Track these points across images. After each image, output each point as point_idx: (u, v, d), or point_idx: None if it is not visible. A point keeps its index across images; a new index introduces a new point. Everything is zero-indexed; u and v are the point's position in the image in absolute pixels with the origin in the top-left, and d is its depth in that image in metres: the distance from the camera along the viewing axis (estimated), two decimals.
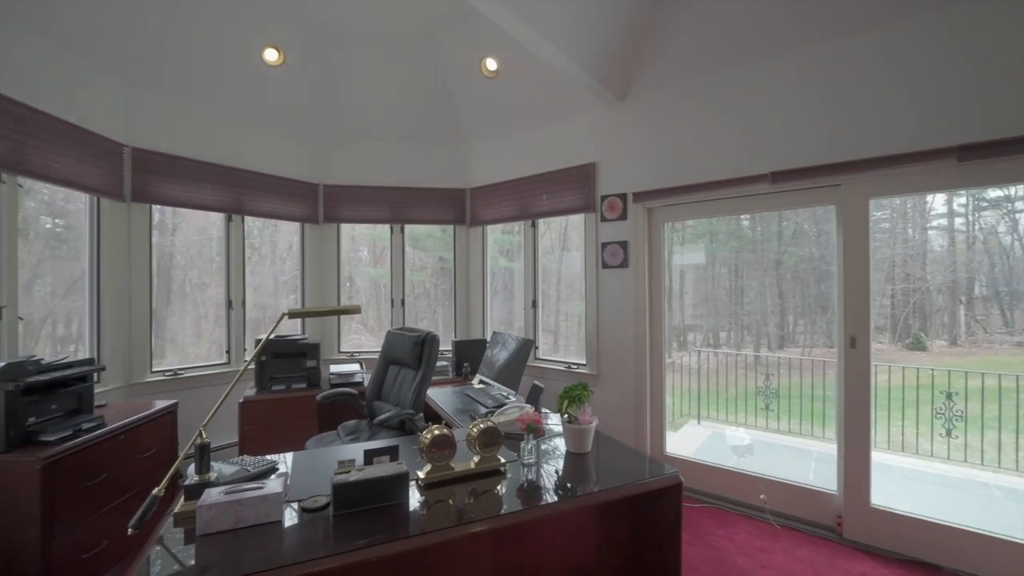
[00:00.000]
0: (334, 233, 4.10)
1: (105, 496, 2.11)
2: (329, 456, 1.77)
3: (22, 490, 1.78)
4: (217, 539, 1.19)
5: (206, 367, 3.43)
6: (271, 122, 3.69)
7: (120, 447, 2.20)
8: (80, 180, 2.65)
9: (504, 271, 4.47)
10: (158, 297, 3.28)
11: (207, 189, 3.36)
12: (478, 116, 4.00)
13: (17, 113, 2.30)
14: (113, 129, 2.89)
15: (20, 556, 1.80)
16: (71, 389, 2.09)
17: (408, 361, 2.69)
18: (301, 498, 1.39)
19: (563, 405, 1.80)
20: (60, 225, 2.87)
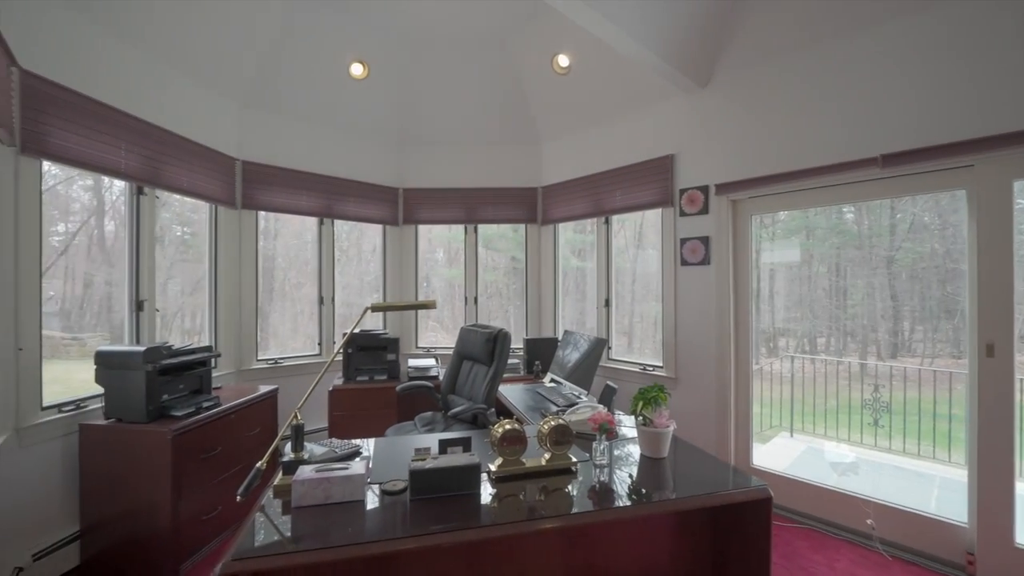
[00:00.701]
0: (412, 234, 4.31)
1: (219, 467, 2.39)
2: (407, 444, 1.85)
3: (158, 456, 2.08)
4: (309, 512, 1.30)
5: (301, 357, 3.77)
6: (357, 131, 3.97)
7: (231, 425, 2.49)
8: (202, 191, 3.04)
9: (575, 271, 4.40)
10: (262, 295, 3.66)
11: (303, 196, 3.70)
12: (550, 114, 3.99)
13: (156, 135, 2.69)
14: (227, 145, 3.28)
15: (157, 512, 2.10)
16: (195, 372, 2.40)
17: (481, 357, 2.75)
18: (381, 481, 1.47)
19: (637, 407, 1.72)
20: (188, 232, 3.31)
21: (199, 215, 3.27)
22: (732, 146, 2.94)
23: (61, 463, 2.17)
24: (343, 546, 1.14)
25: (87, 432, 2.16)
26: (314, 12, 3.18)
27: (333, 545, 1.14)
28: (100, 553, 2.18)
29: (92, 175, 2.52)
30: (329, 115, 3.76)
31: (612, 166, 3.63)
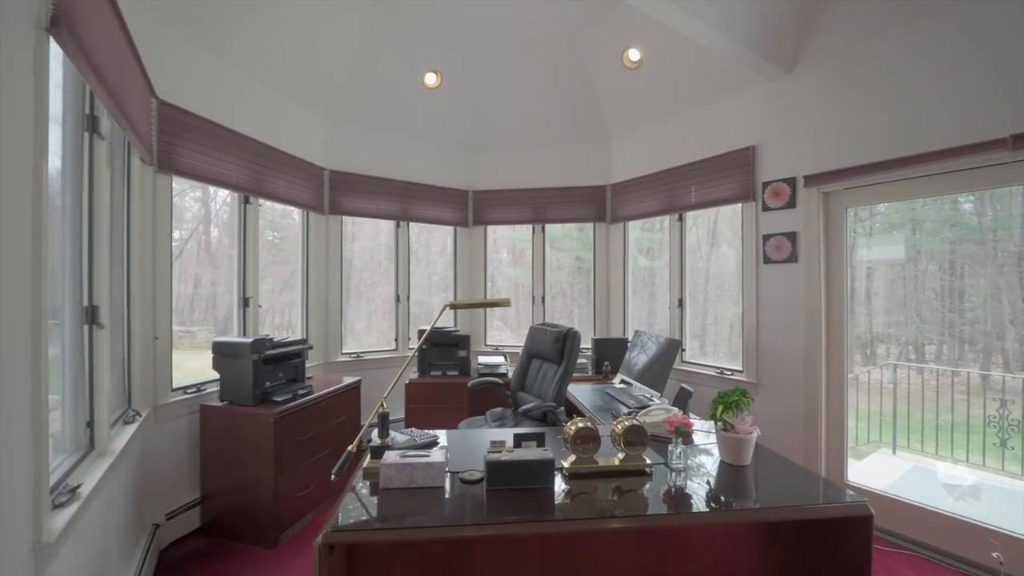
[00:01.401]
0: (482, 235, 4.43)
1: (311, 449, 2.63)
2: (480, 437, 1.92)
3: (263, 436, 2.33)
4: (394, 493, 1.40)
5: (379, 352, 4.03)
6: (430, 137, 4.15)
7: (322, 411, 2.72)
8: (296, 198, 3.36)
9: (644, 270, 4.28)
10: (344, 294, 3.95)
11: (381, 200, 3.95)
12: (620, 110, 3.92)
13: (259, 150, 3.01)
14: (317, 155, 3.59)
15: (261, 486, 2.36)
16: (291, 362, 2.66)
17: (550, 356, 2.77)
18: (458, 470, 1.54)
19: (717, 411, 1.65)
20: (277, 237, 3.66)
21: (286, 220, 3.60)
22: (822, 135, 2.71)
23: (186, 438, 2.51)
24: (426, 527, 1.22)
25: (206, 412, 2.48)
26: (393, 29, 3.38)
27: (417, 526, 1.22)
28: (216, 518, 2.49)
29: (201, 187, 2.87)
30: (405, 124, 3.98)
31: (686, 161, 3.49)
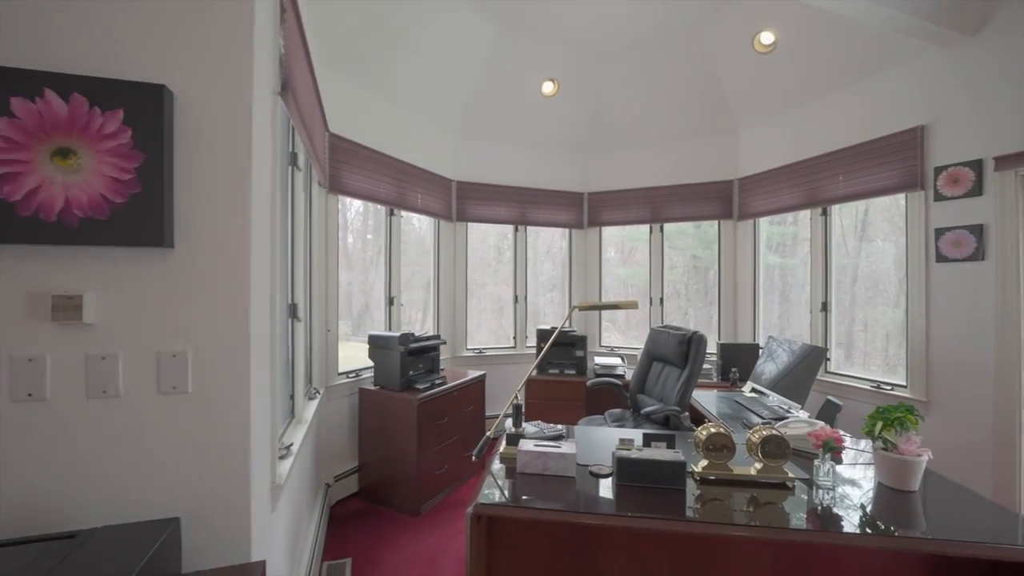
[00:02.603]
0: (596, 237, 4.46)
1: (446, 433, 2.93)
2: (603, 435, 1.98)
3: (408, 417, 2.68)
4: (529, 478, 1.53)
5: (499, 349, 4.29)
6: (546, 144, 4.30)
7: (454, 400, 3.02)
8: (430, 209, 3.75)
9: (773, 269, 3.90)
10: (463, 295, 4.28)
11: (501, 206, 4.20)
12: (749, 98, 3.64)
13: (400, 167, 3.44)
14: (445, 168, 3.96)
15: (406, 461, 2.70)
16: (429, 355, 3.00)
17: (673, 359, 2.71)
18: (585, 463, 1.63)
19: (875, 428, 1.50)
20: (411, 243, 4.11)
21: (409, 227, 4.03)
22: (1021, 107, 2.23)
23: (348, 415, 2.98)
24: (564, 511, 1.32)
25: (363, 394, 2.92)
26: (511, 46, 3.58)
27: (556, 508, 1.33)
28: (370, 485, 2.91)
29: (337, 199, 3.36)
30: (523, 133, 4.18)
31: (830, 148, 3.12)
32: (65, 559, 0.82)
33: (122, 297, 1.05)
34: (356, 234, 3.58)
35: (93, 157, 0.99)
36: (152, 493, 1.05)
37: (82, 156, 0.99)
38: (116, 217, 1.01)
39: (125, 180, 1.01)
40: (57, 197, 0.97)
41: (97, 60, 1.02)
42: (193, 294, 1.09)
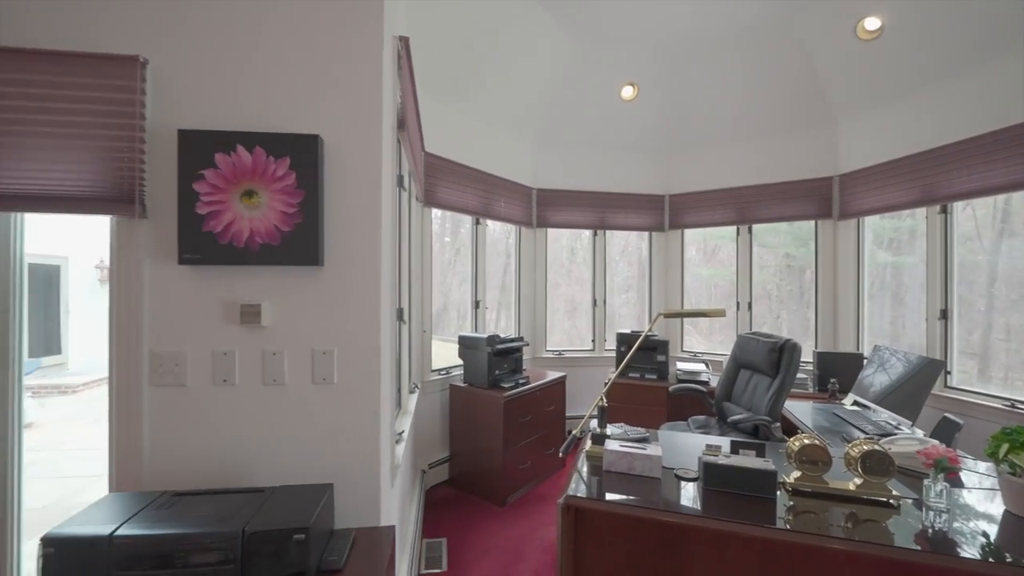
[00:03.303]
0: (678, 239, 4.37)
1: (528, 431, 3.09)
2: (687, 440, 2.01)
3: (494, 414, 2.87)
4: (615, 477, 1.62)
5: (578, 351, 4.37)
6: (625, 147, 4.30)
7: (536, 399, 3.16)
8: (511, 216, 3.94)
9: (885, 268, 3.55)
10: (551, 300, 4.41)
11: (580, 212, 4.28)
12: (851, 89, 3.37)
13: (485, 179, 3.66)
14: (526, 177, 4.12)
15: (493, 454, 2.90)
16: (513, 356, 3.17)
17: (763, 367, 2.62)
18: (671, 467, 1.68)
19: (1000, 450, 1.39)
20: (497, 250, 4.32)
21: (489, 232, 4.23)
22: None
23: (440, 409, 3.25)
24: (650, 508, 1.40)
25: (453, 391, 3.17)
26: (591, 52, 3.65)
27: (643, 505, 1.41)
28: (459, 474, 3.15)
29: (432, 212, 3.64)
30: (602, 138, 4.22)
31: (956, 137, 2.81)
32: (261, 506, 1.07)
33: (287, 305, 1.32)
34: (434, 237, 3.87)
35: (269, 196, 1.26)
36: (311, 463, 1.31)
37: (261, 195, 1.26)
38: (284, 242, 1.27)
39: (291, 213, 1.27)
40: (244, 228, 1.26)
41: (271, 119, 1.30)
42: (337, 303, 1.33)
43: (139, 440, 1.26)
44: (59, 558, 0.96)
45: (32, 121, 1.20)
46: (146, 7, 1.27)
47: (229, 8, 1.29)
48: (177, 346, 1.28)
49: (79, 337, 8.01)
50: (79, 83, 1.22)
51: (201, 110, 1.28)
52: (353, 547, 1.17)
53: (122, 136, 1.23)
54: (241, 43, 1.30)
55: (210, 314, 1.29)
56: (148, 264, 1.27)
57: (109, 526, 0.99)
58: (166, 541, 0.97)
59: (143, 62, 1.24)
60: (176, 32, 1.28)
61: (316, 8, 1.32)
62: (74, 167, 1.22)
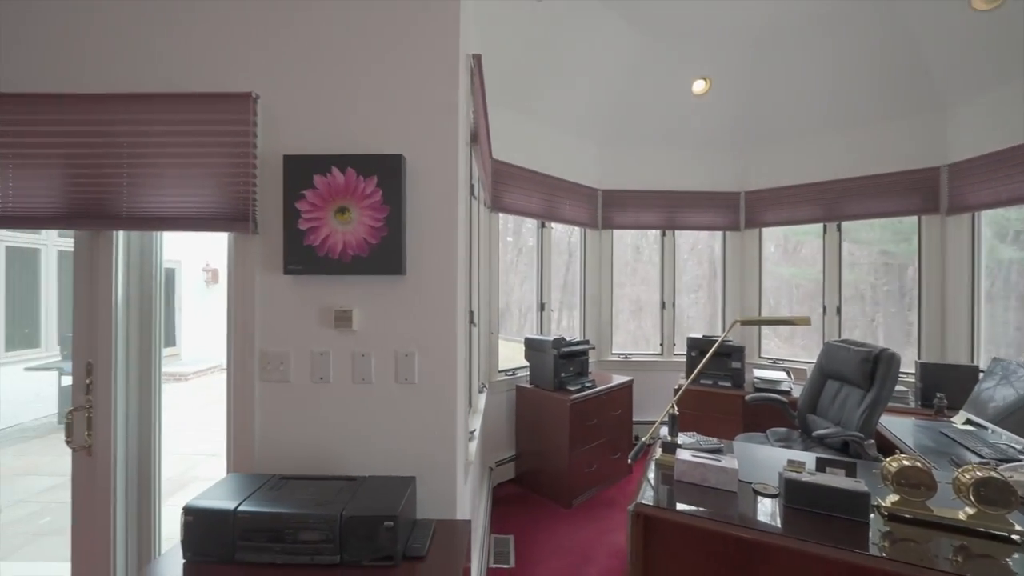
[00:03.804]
0: (755, 239, 4.12)
1: (595, 435, 3.08)
2: (765, 454, 1.91)
3: (560, 416, 2.90)
4: (687, 487, 1.59)
5: (645, 355, 4.27)
6: (696, 144, 4.13)
7: (602, 403, 3.15)
8: (576, 218, 3.94)
9: (1006, 265, 3.10)
10: (617, 301, 4.34)
11: (648, 212, 4.18)
12: (963, 68, 2.99)
13: (550, 182, 3.69)
14: (590, 178, 4.10)
15: (559, 456, 2.93)
16: (579, 359, 3.18)
17: (854, 379, 2.42)
18: (748, 480, 1.61)
19: None
20: (559, 249, 4.33)
21: (547, 235, 4.23)
22: None
23: (506, 408, 3.34)
24: (725, 522, 1.36)
25: (520, 391, 3.24)
26: (661, 49, 3.55)
27: (717, 519, 1.38)
28: (525, 473, 3.22)
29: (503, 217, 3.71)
30: (671, 136, 4.09)
31: None
32: (355, 494, 1.19)
33: (374, 311, 1.44)
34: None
35: (358, 212, 1.39)
36: (395, 455, 1.42)
37: (352, 212, 1.39)
38: (372, 253, 1.39)
39: (377, 227, 1.39)
40: (338, 241, 1.39)
41: (361, 141, 1.43)
42: (418, 309, 1.43)
43: (251, 428, 1.44)
44: (196, 525, 1.13)
45: (169, 155, 1.42)
46: (256, 50, 1.45)
47: (324, 44, 1.44)
48: (282, 346, 1.45)
49: (189, 331, 9.11)
50: (205, 119, 1.42)
51: (301, 137, 1.44)
52: (434, 537, 1.26)
53: (238, 163, 1.42)
54: (333, 75, 1.44)
55: (309, 318, 1.45)
56: (259, 274, 1.45)
57: (233, 502, 1.15)
58: (278, 518, 1.11)
59: (255, 98, 1.42)
60: (279, 70, 1.44)
61: (397, 38, 1.43)
62: (201, 192, 1.42)
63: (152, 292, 1.64)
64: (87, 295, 1.53)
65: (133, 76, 1.45)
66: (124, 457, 1.57)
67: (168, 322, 9.08)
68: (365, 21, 1.44)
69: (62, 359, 5.61)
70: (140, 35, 1.46)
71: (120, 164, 1.42)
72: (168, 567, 1.13)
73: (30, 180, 1.44)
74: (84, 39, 1.46)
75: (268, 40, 1.45)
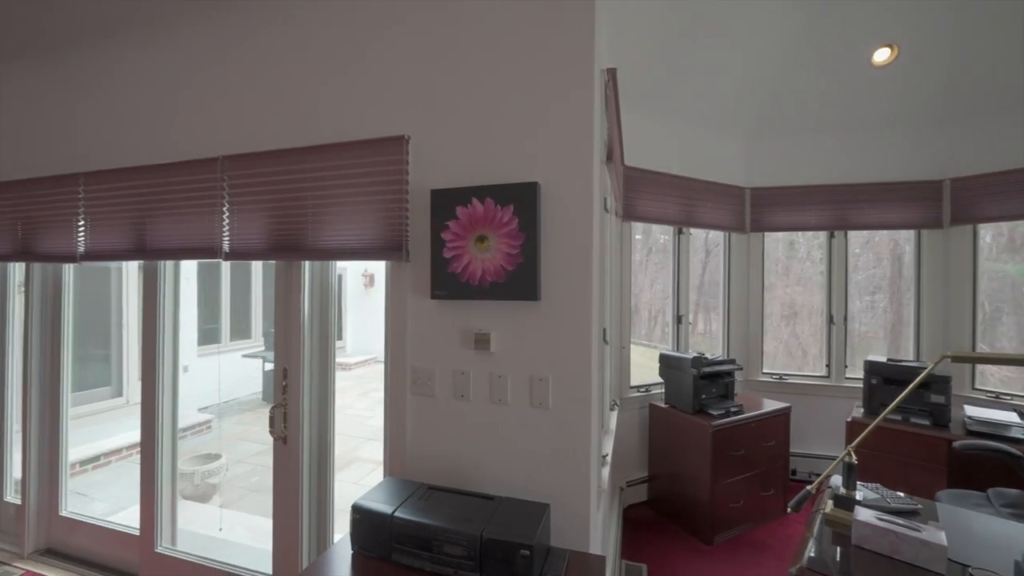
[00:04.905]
0: (967, 236, 3.25)
1: (742, 467, 2.75)
2: (988, 525, 1.48)
3: (701, 442, 2.66)
4: (869, 556, 1.31)
5: (805, 376, 3.68)
6: (875, 124, 3.42)
7: (751, 432, 2.80)
8: (718, 222, 3.57)
9: None
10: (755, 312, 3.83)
11: (810, 210, 3.59)
12: None
13: (686, 184, 3.41)
14: (736, 176, 3.67)
15: (698, 485, 2.69)
16: (722, 380, 2.88)
17: None
18: (962, 561, 1.27)
19: None
20: (695, 247, 3.96)
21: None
22: None
23: (639, 427, 3.18)
24: None
25: (653, 410, 3.06)
26: (830, 19, 3.02)
27: None
28: (659, 498, 3.02)
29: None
30: (842, 118, 3.46)
31: None
32: (494, 513, 1.24)
33: (510, 335, 1.49)
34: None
35: (496, 240, 1.45)
36: (528, 478, 1.45)
37: (490, 240, 1.45)
38: (508, 280, 1.43)
39: (513, 254, 1.43)
40: (478, 268, 1.47)
41: (500, 172, 1.48)
42: (552, 334, 1.44)
43: (404, 437, 1.61)
44: (362, 522, 1.29)
45: (340, 195, 1.66)
46: (407, 96, 1.60)
47: (464, 84, 1.53)
48: (429, 363, 1.58)
49: (352, 327, 10.63)
50: (367, 162, 1.62)
51: (446, 171, 1.55)
52: (568, 569, 1.24)
53: (393, 199, 1.59)
54: (473, 111, 1.52)
55: (452, 339, 1.55)
56: (410, 297, 1.61)
57: (390, 507, 1.29)
58: (427, 528, 1.21)
59: (407, 139, 1.58)
60: (426, 112, 1.58)
61: (531, 70, 1.45)
62: (364, 226, 1.63)
63: (329, 307, 1.94)
64: (284, 313, 1.87)
65: (315, 129, 1.73)
66: (308, 443, 1.88)
67: (337, 321, 10.76)
68: (500, 59, 1.49)
69: (265, 349, 7.01)
70: (311, 92, 1.73)
71: (306, 207, 1.71)
72: (341, 554, 1.31)
73: (246, 223, 1.81)
74: (279, 105, 1.79)
75: (418, 87, 1.59)
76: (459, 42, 1.54)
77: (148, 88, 2.09)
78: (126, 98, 2.15)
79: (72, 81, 2.29)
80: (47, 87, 2.36)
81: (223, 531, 2.71)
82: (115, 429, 4.28)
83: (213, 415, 5.30)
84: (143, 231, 2.05)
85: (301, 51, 1.77)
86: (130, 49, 2.13)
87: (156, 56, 2.07)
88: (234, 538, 2.56)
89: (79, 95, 2.27)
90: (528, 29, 1.46)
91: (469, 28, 1.53)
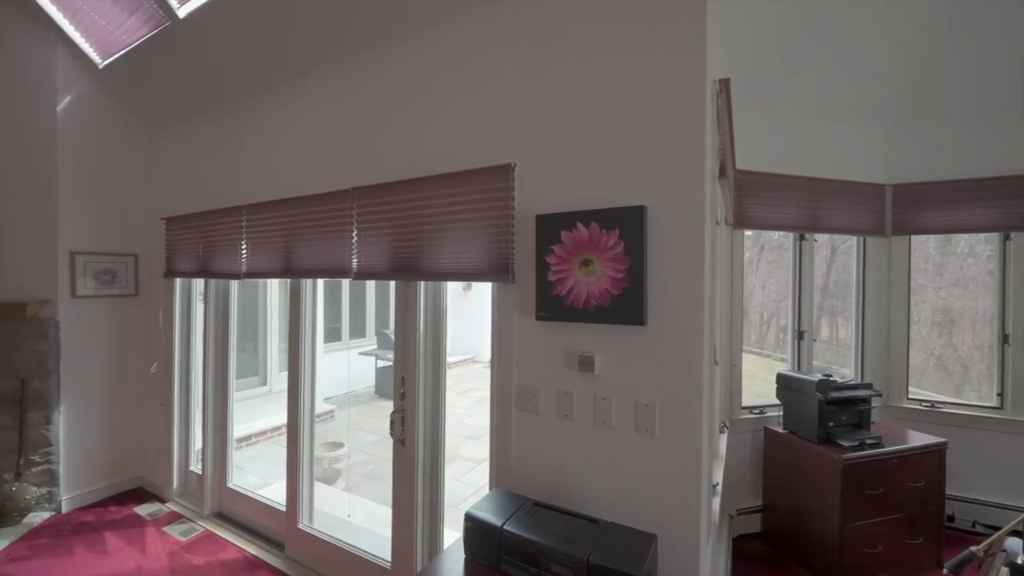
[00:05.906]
0: None
1: (881, 508, 2.40)
2: None
3: (828, 476, 2.37)
4: None
5: (960, 405, 3.09)
6: None
7: (893, 469, 2.43)
8: (851, 225, 3.15)
9: None
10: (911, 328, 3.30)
11: (969, 208, 3.02)
12: None
13: (809, 185, 3.06)
14: (874, 173, 3.20)
15: (824, 524, 2.41)
16: (856, 407, 2.54)
17: None
18: None
19: None
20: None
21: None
22: None
23: (751, 451, 2.94)
24: None
25: (769, 435, 2.80)
26: None
27: None
28: (775, 531, 2.76)
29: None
30: (1011, 96, 2.84)
31: None
32: (599, 538, 1.25)
33: (614, 359, 1.48)
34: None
35: (601, 264, 1.45)
36: (632, 505, 1.43)
37: (595, 263, 1.46)
38: (614, 303, 1.43)
39: (619, 278, 1.42)
40: (582, 292, 1.49)
41: (604, 195, 1.49)
42: (659, 360, 1.40)
43: (509, 450, 1.68)
44: (473, 530, 1.38)
45: (449, 221, 1.79)
46: (513, 125, 1.67)
47: (569, 110, 1.56)
48: (534, 382, 1.64)
49: (451, 329, 11.24)
50: (476, 189, 1.73)
51: (550, 196, 1.59)
52: None
53: (500, 224, 1.67)
54: (578, 136, 1.54)
55: (555, 360, 1.59)
56: (516, 317, 1.68)
57: (500, 519, 1.36)
58: (534, 545, 1.26)
59: (513, 166, 1.65)
60: (532, 139, 1.63)
61: (639, 91, 1.43)
62: (474, 250, 1.73)
63: (441, 323, 2.09)
64: (402, 327, 2.06)
65: (428, 159, 1.88)
66: (423, 446, 2.05)
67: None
68: (605, 82, 1.49)
69: (377, 347, 7.72)
70: (424, 126, 1.88)
71: (421, 232, 1.87)
72: (454, 557, 1.42)
73: (371, 247, 2.03)
74: (396, 138, 1.98)
75: (523, 115, 1.66)
76: (562, 70, 1.58)
77: (291, 131, 2.45)
78: (276, 141, 2.54)
79: (236, 130, 2.78)
80: (222, 135, 2.88)
81: (350, 517, 3.05)
82: (260, 414, 5.04)
83: (335, 405, 5.99)
84: (289, 253, 2.40)
85: (413, 89, 1.94)
86: (278, 101, 2.52)
87: (296, 104, 2.42)
88: (356, 521, 2.88)
89: (243, 141, 2.74)
90: (634, 51, 1.44)
91: (572, 54, 1.56)
